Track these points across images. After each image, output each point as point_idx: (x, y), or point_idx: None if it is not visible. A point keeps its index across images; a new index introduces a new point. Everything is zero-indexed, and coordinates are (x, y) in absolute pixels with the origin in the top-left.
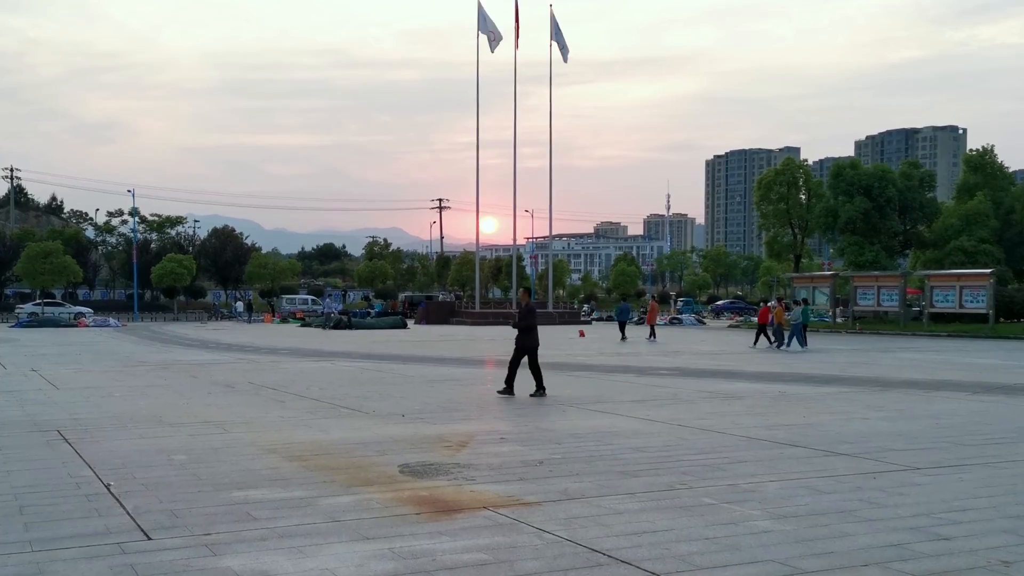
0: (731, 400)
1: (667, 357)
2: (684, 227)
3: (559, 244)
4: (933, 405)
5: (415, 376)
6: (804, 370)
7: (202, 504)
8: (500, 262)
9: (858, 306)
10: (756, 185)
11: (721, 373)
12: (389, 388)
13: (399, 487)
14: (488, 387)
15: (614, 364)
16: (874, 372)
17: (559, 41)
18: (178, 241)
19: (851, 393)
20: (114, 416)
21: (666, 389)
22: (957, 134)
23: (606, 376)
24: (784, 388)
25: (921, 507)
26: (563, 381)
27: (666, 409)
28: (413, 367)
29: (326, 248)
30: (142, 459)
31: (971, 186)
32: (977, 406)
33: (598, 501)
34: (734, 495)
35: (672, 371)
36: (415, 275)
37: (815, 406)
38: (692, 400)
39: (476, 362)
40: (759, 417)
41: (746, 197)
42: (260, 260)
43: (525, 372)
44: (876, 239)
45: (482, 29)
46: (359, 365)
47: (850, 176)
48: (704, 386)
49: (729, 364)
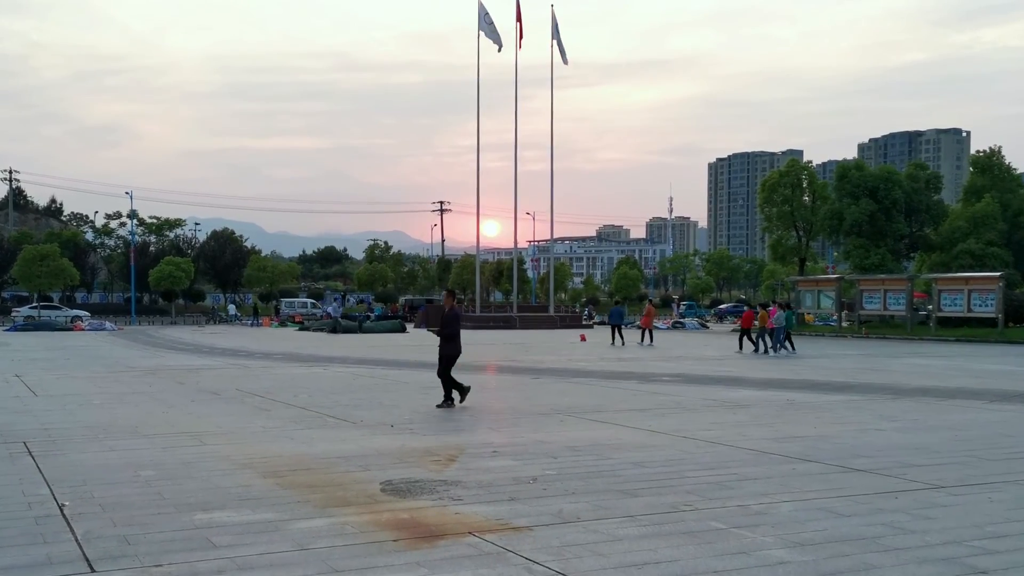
0: (737, 409)
1: (670, 363)
2: (687, 230)
3: (561, 247)
4: (949, 415)
5: (409, 383)
6: (812, 377)
7: (160, 528)
8: (502, 265)
9: (864, 310)
10: (760, 187)
11: (726, 380)
12: (381, 395)
13: (379, 508)
14: (485, 395)
15: (615, 370)
16: (884, 379)
17: (559, 41)
18: (177, 244)
19: (862, 402)
20: (88, 426)
21: (669, 397)
22: (960, 137)
23: (607, 383)
24: (792, 396)
25: (950, 533)
26: (563, 388)
27: (669, 419)
28: (408, 373)
29: (327, 251)
30: (106, 475)
31: (978, 188)
32: (995, 416)
33: (595, 525)
34: (744, 518)
35: (675, 378)
36: (416, 278)
37: (826, 416)
38: (696, 409)
39: (473, 368)
40: (767, 428)
41: (748, 200)
42: (259, 263)
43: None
44: (882, 242)
45: (483, 30)
46: (352, 371)
47: (855, 178)
48: (708, 394)
49: (733, 370)
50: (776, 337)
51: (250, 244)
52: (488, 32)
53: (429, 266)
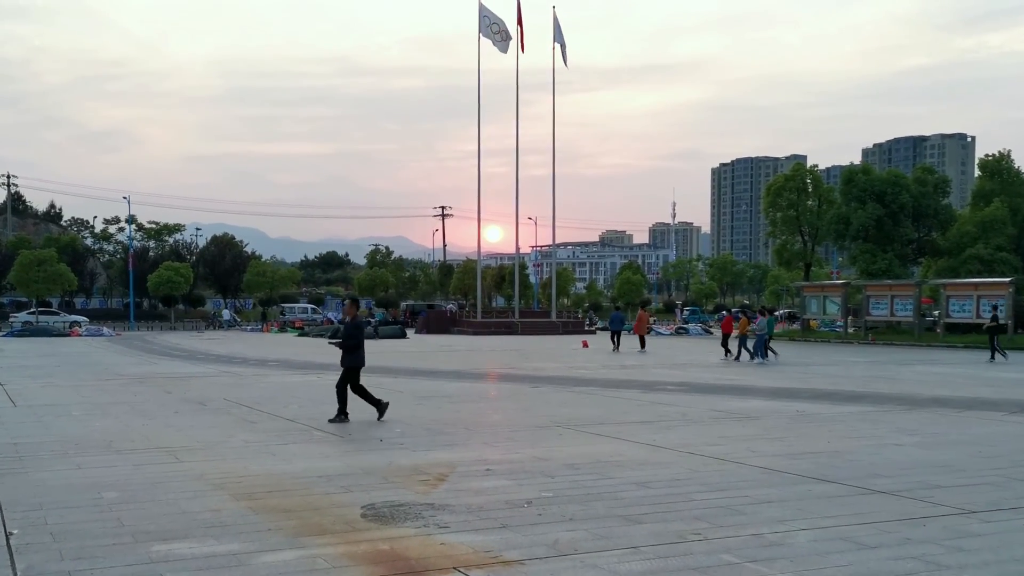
0: (745, 421)
1: (674, 370)
2: (690, 236)
3: (564, 253)
4: (969, 428)
5: (404, 392)
6: (821, 386)
7: (112, 562)
8: (504, 270)
9: (871, 316)
10: (765, 191)
11: (732, 389)
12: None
13: (357, 537)
14: (481, 405)
15: (618, 378)
16: (896, 388)
17: (561, 43)
18: (176, 249)
19: (876, 413)
20: (60, 440)
21: (674, 408)
22: (965, 142)
23: (609, 392)
24: (802, 407)
25: (991, 569)
26: (563, 399)
27: (674, 432)
28: (404, 381)
29: (329, 256)
30: (67, 497)
31: (987, 192)
32: (1018, 429)
33: (594, 558)
34: (759, 549)
35: (680, 386)
36: (418, 284)
37: (839, 429)
38: (702, 421)
39: (472, 376)
40: (778, 443)
41: (752, 205)
42: (258, 268)
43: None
44: (889, 247)
45: (484, 33)
46: None
47: (862, 182)
48: (715, 404)
49: (740, 378)
50: (758, 344)
51: (251, 249)
52: (489, 35)
53: (431, 271)
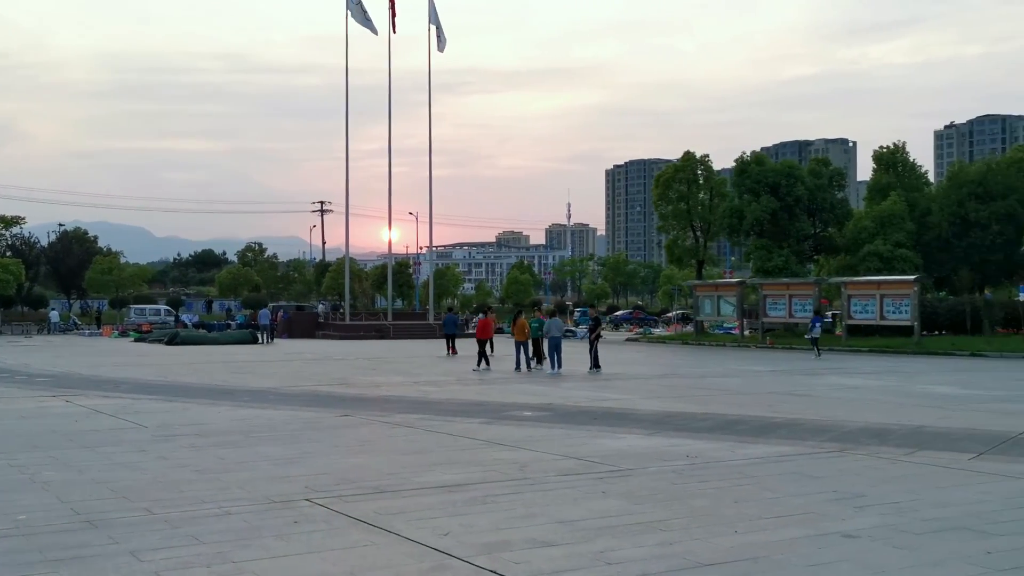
0: (608, 480)
1: (541, 386)
2: (586, 237)
3: (460, 253)
4: (945, 491)
5: (177, 426)
6: (722, 409)
7: None
8: (387, 270)
9: (768, 317)
10: (654, 183)
11: (606, 416)
12: (71, 455)
13: None
14: (223, 452)
15: (466, 400)
16: (814, 410)
17: (437, 25)
18: (15, 244)
19: (799, 458)
20: None
21: (515, 452)
22: (847, 147)
23: (439, 422)
24: (695, 447)
25: None
26: (364, 436)
27: (487, 514)
28: (193, 406)
29: (204, 255)
30: None
31: (883, 186)
32: (1006, 487)
33: None
34: None
35: (540, 411)
36: (292, 283)
37: (750, 493)
38: (543, 482)
39: (273, 398)
40: (653, 534)
41: (646, 207)
42: (102, 266)
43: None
44: (785, 243)
45: (350, 11)
46: (112, 402)
47: (756, 173)
48: (574, 443)
49: (620, 396)
50: (552, 350)
51: (105, 245)
52: (359, 18)
53: (305, 271)
